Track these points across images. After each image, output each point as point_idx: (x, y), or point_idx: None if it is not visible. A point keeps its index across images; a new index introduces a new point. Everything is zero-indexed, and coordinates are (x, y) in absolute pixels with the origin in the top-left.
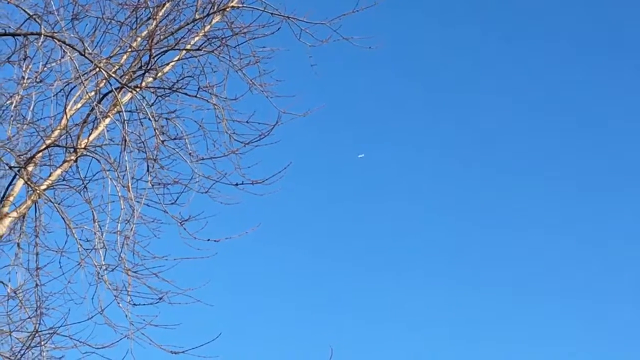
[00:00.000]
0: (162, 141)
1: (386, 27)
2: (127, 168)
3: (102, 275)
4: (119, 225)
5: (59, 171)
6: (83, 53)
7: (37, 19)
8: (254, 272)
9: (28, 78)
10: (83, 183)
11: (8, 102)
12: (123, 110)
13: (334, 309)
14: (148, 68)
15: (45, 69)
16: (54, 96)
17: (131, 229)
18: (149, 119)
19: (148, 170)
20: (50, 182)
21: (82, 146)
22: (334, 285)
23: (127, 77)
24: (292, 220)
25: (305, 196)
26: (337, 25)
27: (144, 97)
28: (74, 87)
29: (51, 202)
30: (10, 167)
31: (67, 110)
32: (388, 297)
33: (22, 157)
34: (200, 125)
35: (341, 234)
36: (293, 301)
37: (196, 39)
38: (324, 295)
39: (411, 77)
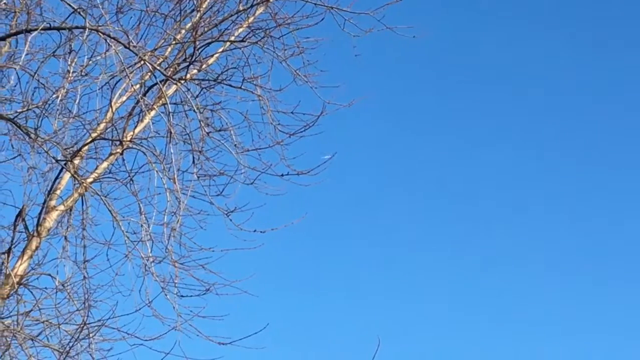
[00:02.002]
0: (208, 133)
1: (430, 15)
2: (173, 160)
3: (149, 268)
4: (166, 217)
5: (105, 164)
6: (128, 46)
7: (81, 13)
8: (300, 262)
9: (73, 72)
10: (129, 175)
11: (54, 96)
12: (168, 102)
13: (381, 300)
14: (192, 60)
15: (90, 62)
16: (99, 89)
17: (177, 221)
18: (194, 111)
19: (194, 162)
20: (96, 175)
21: (128, 139)
22: (380, 276)
23: (171, 69)
24: (337, 210)
25: (351, 187)
26: (381, 15)
27: (188, 89)
28: (119, 80)
29: (98, 195)
30: (57, 161)
31: (112, 103)
32: (438, 285)
33: (68, 150)
34: (245, 117)
35: (386, 223)
36: (339, 292)
37: (240, 30)
38: (371, 286)
39: (456, 66)
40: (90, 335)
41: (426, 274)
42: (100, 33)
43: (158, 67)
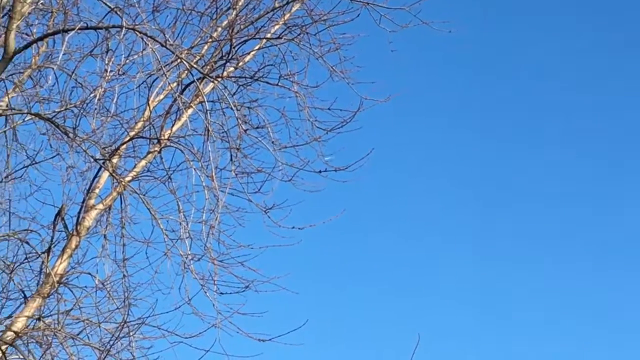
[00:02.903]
0: (245, 130)
1: (466, 10)
2: (211, 158)
3: (188, 265)
4: (204, 214)
5: (143, 162)
6: (164, 44)
7: (118, 12)
8: (338, 259)
9: (111, 71)
10: (167, 174)
11: (92, 95)
12: (205, 100)
13: (421, 296)
14: (229, 58)
15: (127, 61)
16: (136, 88)
17: (216, 219)
18: (231, 108)
19: (231, 159)
20: (135, 173)
21: (166, 137)
22: (419, 272)
23: (208, 67)
24: (375, 206)
25: (388, 182)
26: (417, 10)
27: (225, 87)
28: (156, 78)
29: (136, 193)
30: (96, 160)
31: (150, 102)
32: (479, 284)
33: (106, 149)
34: (282, 114)
35: (424, 219)
36: (378, 288)
37: (276, 27)
38: (411, 282)
39: (492, 61)
40: (131, 333)
41: (464, 270)
42: (137, 32)
43: (195, 65)
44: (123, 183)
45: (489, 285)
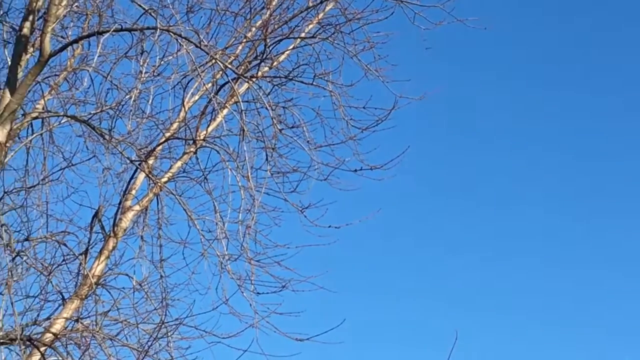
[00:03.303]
0: (280, 130)
1: (500, 7)
2: (246, 158)
3: (225, 265)
4: (240, 214)
5: (179, 163)
6: (199, 45)
7: (152, 14)
8: (375, 257)
9: (146, 72)
10: (203, 174)
11: (127, 97)
12: (240, 100)
13: (458, 294)
14: (263, 58)
15: (162, 62)
16: (171, 89)
17: (252, 218)
18: (266, 108)
19: (267, 159)
20: (171, 174)
21: (201, 138)
22: (454, 270)
23: (243, 67)
24: (411, 204)
25: (423, 180)
26: (451, 7)
27: (260, 87)
28: (191, 79)
29: (172, 194)
30: (132, 161)
31: (185, 103)
32: (510, 284)
33: (142, 150)
34: (317, 113)
35: (459, 217)
36: (416, 285)
37: (310, 26)
38: (447, 281)
39: (528, 57)
40: (169, 334)
41: (502, 268)
42: (171, 33)
43: (229, 66)
44: (159, 184)
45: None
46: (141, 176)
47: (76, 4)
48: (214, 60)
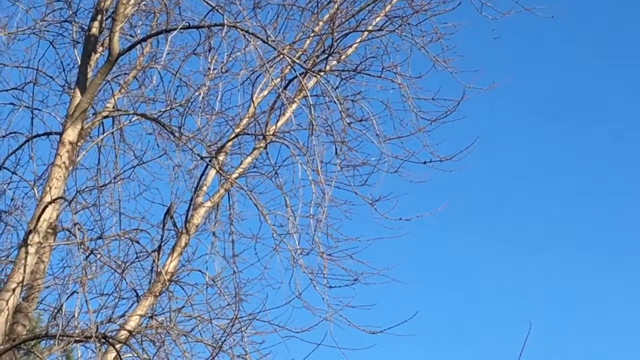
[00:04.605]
0: (349, 123)
1: None
2: (316, 152)
3: (297, 260)
4: (311, 209)
5: (249, 159)
6: (266, 41)
7: (219, 10)
8: (446, 249)
9: (214, 69)
10: (273, 169)
11: (196, 94)
12: (309, 95)
13: (531, 284)
14: (331, 51)
15: (230, 58)
16: (240, 85)
17: (323, 212)
18: (335, 102)
19: (336, 153)
20: (241, 170)
21: (271, 133)
22: (528, 260)
23: (311, 61)
24: (481, 196)
25: (493, 171)
26: None
27: (328, 81)
28: (259, 75)
29: (243, 189)
30: (202, 158)
31: (254, 98)
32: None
33: (212, 147)
34: (386, 105)
35: (530, 207)
36: (487, 277)
37: (377, 19)
38: (520, 271)
39: (597, 45)
40: (242, 329)
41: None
42: (238, 29)
43: (297, 61)
44: (230, 180)
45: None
46: (212, 172)
47: (144, 2)
48: (281, 56)
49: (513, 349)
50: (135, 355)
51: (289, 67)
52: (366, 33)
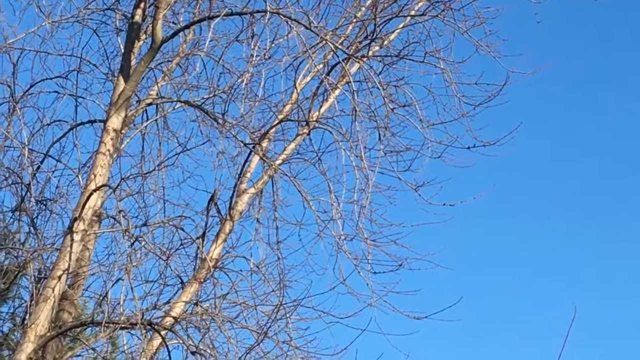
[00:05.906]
0: (392, 109)
1: None
2: (359, 138)
3: (341, 246)
4: (355, 194)
5: (292, 145)
6: (309, 27)
7: None
8: (490, 234)
9: (257, 55)
10: (317, 155)
11: (239, 81)
12: (352, 80)
13: (577, 269)
14: (374, 37)
15: (272, 45)
16: (283, 71)
17: (367, 198)
18: (378, 87)
19: (380, 138)
20: (284, 156)
21: (314, 119)
22: (573, 245)
23: (353, 47)
24: (526, 181)
25: (536, 156)
26: None
27: (371, 67)
28: (302, 61)
29: (287, 176)
30: (245, 145)
31: (297, 85)
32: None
33: (255, 133)
34: (429, 90)
35: (574, 192)
36: (531, 261)
37: (420, 4)
38: (565, 255)
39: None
40: (287, 315)
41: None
42: (281, 16)
43: (340, 46)
44: (274, 166)
45: None
46: (255, 159)
47: None
48: (324, 42)
49: (558, 333)
50: (181, 341)
51: (332, 53)
52: (409, 18)
